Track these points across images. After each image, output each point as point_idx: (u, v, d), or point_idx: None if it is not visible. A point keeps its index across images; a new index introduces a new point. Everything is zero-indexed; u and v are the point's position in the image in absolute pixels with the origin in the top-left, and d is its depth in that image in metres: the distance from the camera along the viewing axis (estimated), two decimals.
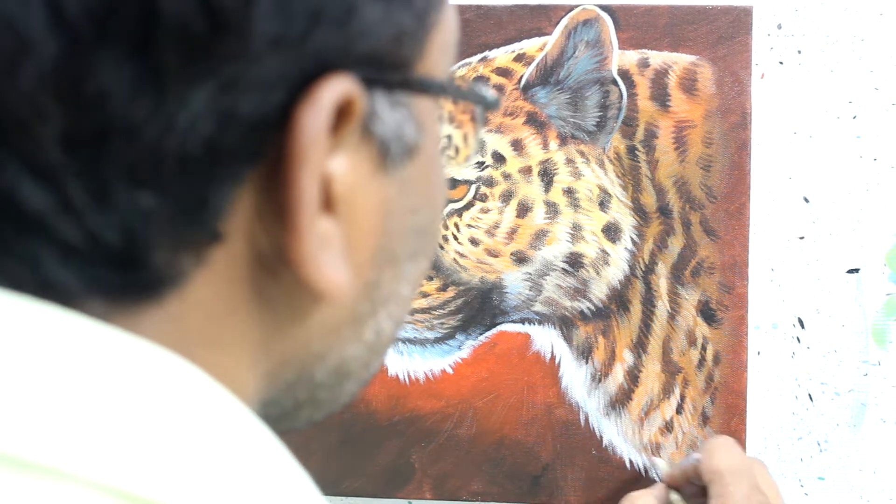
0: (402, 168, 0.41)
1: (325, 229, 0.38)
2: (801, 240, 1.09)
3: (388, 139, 0.40)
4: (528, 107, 1.06)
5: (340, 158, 0.38)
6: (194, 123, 0.34)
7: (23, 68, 0.32)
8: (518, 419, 1.08)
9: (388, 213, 0.41)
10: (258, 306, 0.39)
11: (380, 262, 0.42)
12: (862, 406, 1.09)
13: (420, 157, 0.42)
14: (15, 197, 0.34)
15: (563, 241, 1.06)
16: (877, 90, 1.07)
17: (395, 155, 0.40)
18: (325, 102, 0.36)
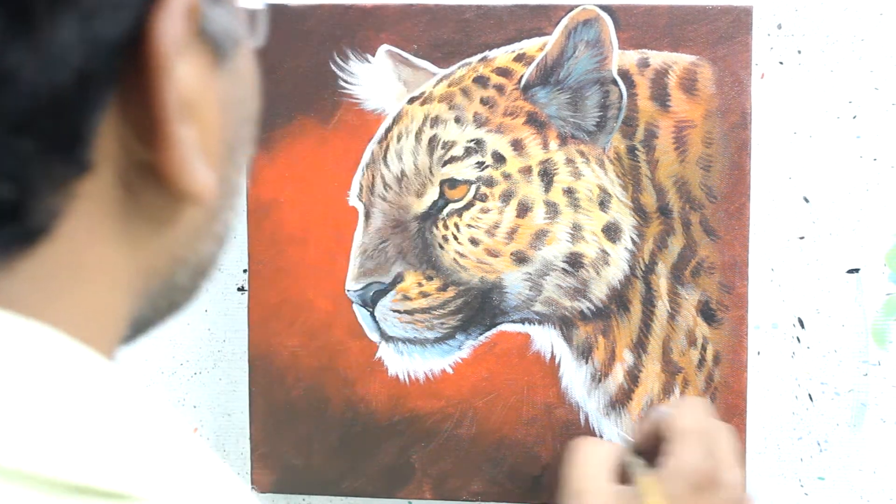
0: (230, 61, 0.42)
1: (188, 136, 0.39)
2: (801, 240, 1.09)
3: (220, 36, 0.41)
4: (528, 107, 1.06)
5: (185, 65, 0.39)
6: (64, 55, 0.34)
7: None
8: (518, 419, 1.08)
9: (225, 106, 0.42)
10: (125, 228, 0.40)
11: (225, 157, 0.43)
12: (862, 406, 1.09)
13: (243, 45, 0.44)
14: None
15: (563, 241, 1.06)
16: (877, 90, 1.07)
17: (227, 50, 0.42)
18: (178, 7, 0.37)
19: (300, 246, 1.08)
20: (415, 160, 1.06)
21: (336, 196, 1.08)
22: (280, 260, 1.08)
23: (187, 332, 1.13)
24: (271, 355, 1.09)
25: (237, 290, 1.13)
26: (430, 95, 1.07)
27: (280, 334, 1.09)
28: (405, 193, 1.07)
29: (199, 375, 1.14)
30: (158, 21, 0.36)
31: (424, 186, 1.06)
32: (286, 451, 1.10)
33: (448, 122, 1.06)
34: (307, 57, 1.07)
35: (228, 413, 1.14)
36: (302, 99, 1.07)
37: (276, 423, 1.10)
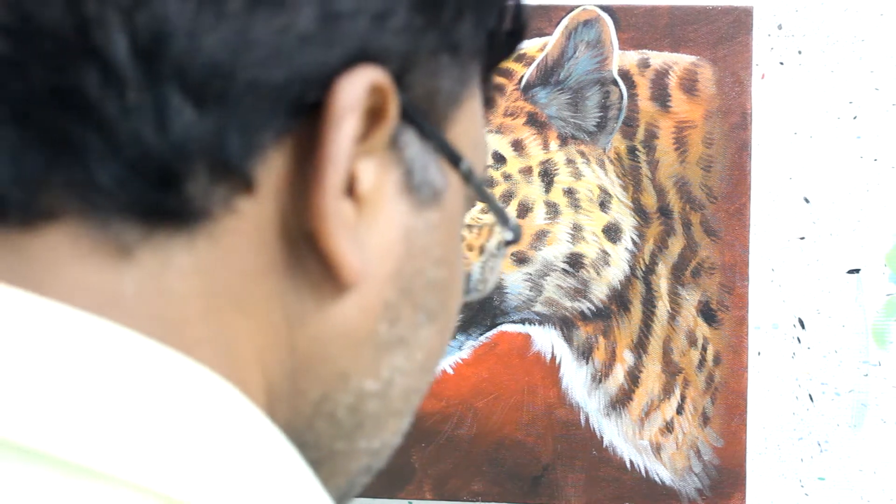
0: (426, 208, 0.43)
1: (347, 212, 0.39)
2: (801, 240, 1.09)
3: (414, 167, 0.41)
4: (528, 107, 1.06)
5: (368, 162, 0.40)
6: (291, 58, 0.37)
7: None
8: (518, 420, 1.08)
9: (412, 244, 0.42)
10: (282, 277, 0.40)
11: (400, 291, 0.43)
12: (862, 406, 1.10)
13: (445, 209, 0.44)
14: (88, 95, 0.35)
15: (563, 242, 1.06)
16: (877, 90, 1.07)
17: (420, 187, 0.42)
18: (361, 80, 0.38)
19: None
20: None
21: None
22: None
23: None
24: None
25: None
26: None
27: None
28: None
29: None
30: (343, 80, 0.38)
31: None
32: None
33: None
34: None
35: None
36: None
37: None
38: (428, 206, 0.42)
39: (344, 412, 0.43)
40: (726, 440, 1.07)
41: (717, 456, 1.07)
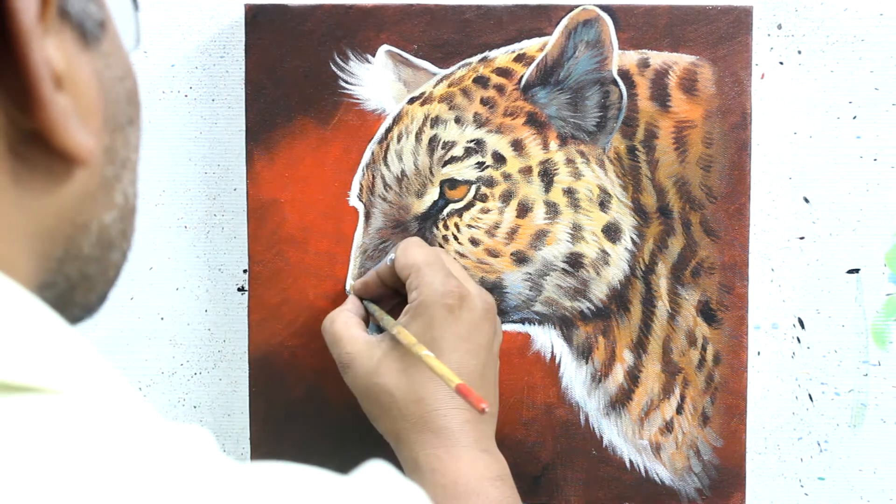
0: (99, 43, 0.47)
1: (63, 102, 0.43)
2: (801, 240, 1.09)
3: (81, 17, 0.45)
4: (528, 107, 1.06)
5: (51, 41, 0.43)
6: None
7: None
8: (518, 419, 1.09)
9: (102, 83, 0.47)
10: (17, 187, 0.43)
11: (110, 129, 0.47)
12: (862, 406, 1.10)
13: (109, 30, 0.48)
14: None
15: (563, 242, 1.06)
16: (877, 90, 1.07)
17: (90, 30, 0.46)
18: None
19: (300, 246, 1.08)
20: (415, 160, 1.06)
21: (336, 196, 1.08)
22: (280, 260, 1.08)
23: (187, 332, 1.13)
24: (271, 355, 1.09)
25: (237, 290, 1.13)
26: (430, 96, 1.07)
27: (280, 334, 1.09)
28: (405, 194, 1.07)
29: (199, 376, 1.14)
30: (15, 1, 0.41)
31: (425, 187, 1.06)
32: (286, 451, 1.10)
33: (448, 123, 1.06)
34: (307, 57, 1.07)
35: (228, 413, 1.14)
36: (302, 99, 1.07)
37: (276, 424, 1.10)
38: (99, 41, 0.47)
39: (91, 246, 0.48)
40: (726, 440, 1.07)
41: (716, 456, 1.07)
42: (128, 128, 0.50)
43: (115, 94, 0.48)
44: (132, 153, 0.50)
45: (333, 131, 1.07)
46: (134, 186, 0.51)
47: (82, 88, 0.45)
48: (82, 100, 0.45)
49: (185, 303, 1.13)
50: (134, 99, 0.51)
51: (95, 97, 0.46)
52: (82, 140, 0.44)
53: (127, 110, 0.49)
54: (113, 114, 0.48)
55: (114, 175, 0.48)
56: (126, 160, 0.49)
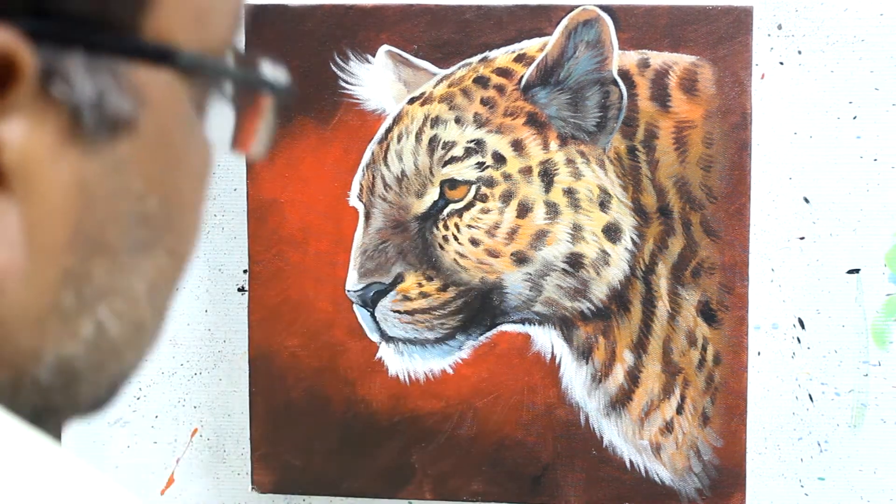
0: (108, 144, 0.37)
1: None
2: (801, 240, 1.09)
3: (81, 107, 0.35)
4: (528, 107, 1.06)
5: (12, 124, 0.34)
6: None
7: None
8: (518, 419, 1.09)
9: (92, 194, 0.37)
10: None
11: (84, 251, 0.37)
12: (862, 406, 1.10)
13: (142, 135, 0.37)
14: None
15: (563, 242, 1.06)
16: (877, 90, 1.07)
17: (92, 126, 0.36)
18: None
19: (300, 246, 1.08)
20: (415, 160, 1.06)
21: (336, 196, 1.08)
22: (280, 260, 1.08)
23: (187, 332, 1.13)
24: (271, 355, 1.09)
25: (237, 290, 1.13)
26: (430, 96, 1.07)
27: (280, 334, 1.09)
28: (405, 194, 1.07)
29: (200, 376, 1.14)
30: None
31: (425, 187, 1.06)
32: (286, 451, 1.10)
33: (448, 123, 1.06)
34: (307, 57, 1.06)
35: (229, 413, 1.14)
36: (302, 99, 1.07)
37: (277, 424, 1.10)
38: (111, 141, 0.37)
39: (49, 376, 0.39)
40: (726, 440, 1.07)
41: (716, 456, 1.07)
42: (130, 254, 0.39)
43: (111, 210, 0.37)
44: (134, 282, 0.40)
45: (333, 131, 1.07)
46: (123, 319, 0.40)
47: (44, 192, 0.35)
48: (36, 207, 0.35)
49: (185, 303, 1.13)
50: (159, 221, 0.40)
51: (64, 207, 0.36)
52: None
53: (136, 233, 0.39)
54: (98, 234, 0.37)
55: (78, 304, 0.38)
56: (111, 290, 0.39)
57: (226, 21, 0.41)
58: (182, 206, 0.41)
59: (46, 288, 0.37)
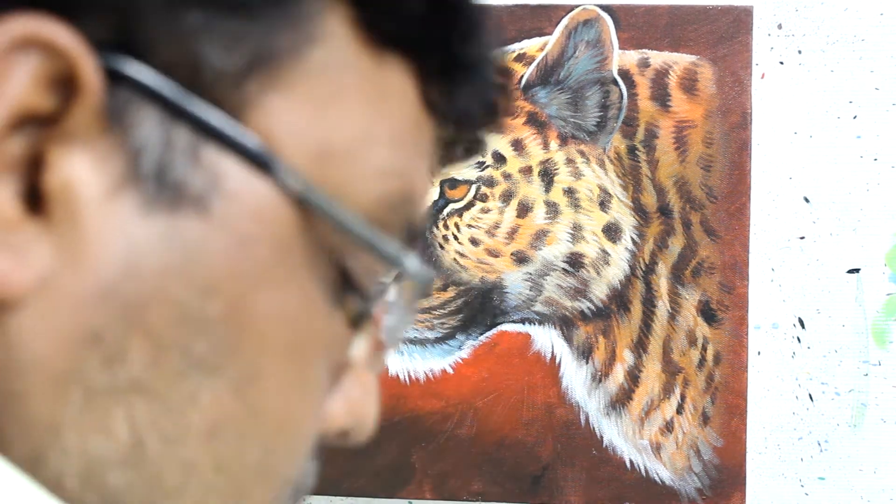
0: (170, 213, 0.32)
1: (9, 215, 0.31)
2: (801, 240, 1.09)
3: (145, 153, 0.32)
4: (528, 107, 1.06)
5: (66, 149, 0.31)
6: None
7: None
8: (518, 419, 1.08)
9: (139, 258, 0.32)
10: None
11: (118, 317, 0.32)
12: (862, 406, 1.09)
13: (215, 222, 0.33)
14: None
15: (563, 241, 1.06)
16: (877, 90, 1.07)
17: (150, 184, 0.32)
18: (8, 32, 0.30)
19: None
20: None
21: None
22: None
23: None
24: None
25: None
26: None
27: None
28: None
29: None
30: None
31: None
32: None
33: None
34: None
35: None
36: None
37: None
38: (173, 211, 0.32)
39: (76, 483, 0.32)
40: (726, 440, 1.07)
41: (716, 455, 1.07)
42: (181, 359, 0.33)
43: (158, 287, 0.32)
44: (173, 399, 0.33)
45: None
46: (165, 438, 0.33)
47: (83, 233, 0.32)
48: (71, 245, 0.31)
49: None
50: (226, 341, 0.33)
51: (101, 257, 0.32)
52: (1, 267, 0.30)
53: (189, 335, 0.33)
54: (135, 303, 0.32)
55: (106, 384, 0.32)
56: (151, 390, 0.33)
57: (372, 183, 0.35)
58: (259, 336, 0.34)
59: (67, 339, 0.32)
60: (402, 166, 0.36)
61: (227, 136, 0.32)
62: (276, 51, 0.33)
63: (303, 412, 0.36)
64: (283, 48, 0.33)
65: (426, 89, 0.37)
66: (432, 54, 0.36)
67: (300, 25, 0.33)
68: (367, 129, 0.35)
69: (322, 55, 0.34)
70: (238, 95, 0.32)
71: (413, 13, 0.35)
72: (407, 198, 0.37)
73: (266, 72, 0.33)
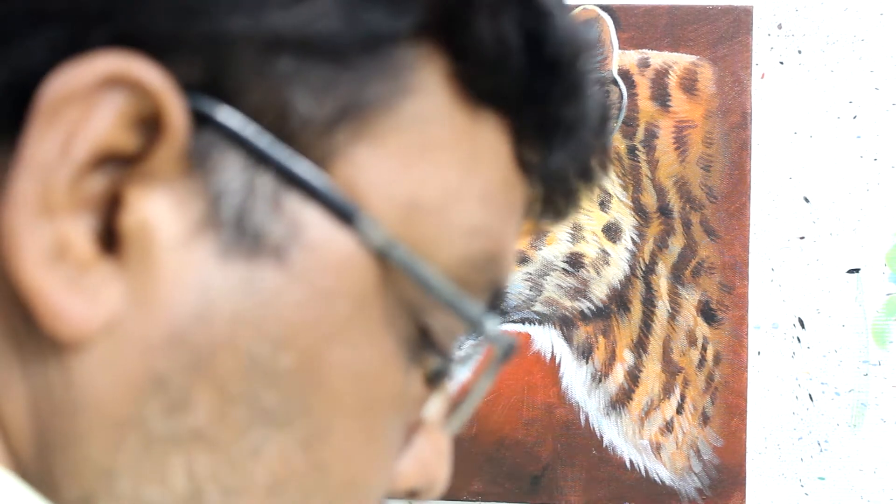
0: (247, 261, 0.31)
1: (46, 240, 0.30)
2: (801, 240, 1.09)
3: (225, 198, 0.31)
4: None
5: (147, 190, 0.30)
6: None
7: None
8: (518, 419, 1.09)
9: (211, 305, 0.31)
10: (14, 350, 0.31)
11: (184, 364, 0.31)
12: (862, 406, 1.09)
13: (292, 273, 0.32)
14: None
15: (563, 241, 1.06)
16: (877, 90, 1.07)
17: (229, 229, 0.31)
18: (90, 69, 0.29)
19: None
20: None
21: None
22: None
23: None
24: None
25: None
26: None
27: None
28: None
29: None
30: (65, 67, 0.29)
31: None
32: None
33: None
34: None
35: None
36: None
37: None
38: (251, 258, 0.31)
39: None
40: (726, 440, 1.07)
41: (716, 455, 1.07)
42: (248, 410, 0.32)
43: (229, 335, 0.31)
44: (239, 451, 0.32)
45: None
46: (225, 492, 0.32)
47: (157, 276, 0.31)
48: (143, 288, 0.31)
49: None
50: (289, 395, 0.32)
51: (173, 302, 0.31)
52: (60, 299, 0.30)
53: (258, 387, 0.32)
54: (203, 349, 0.31)
55: (167, 432, 0.31)
56: (213, 441, 0.32)
57: (459, 241, 0.34)
58: (334, 392, 0.33)
59: (130, 383, 0.31)
60: (491, 225, 0.35)
61: (310, 186, 0.31)
62: (368, 101, 0.32)
63: (371, 470, 0.35)
64: (375, 99, 0.32)
65: (520, 148, 0.36)
66: (529, 113, 0.35)
67: (394, 76, 0.32)
68: (456, 186, 0.34)
69: (414, 108, 0.33)
70: (325, 145, 0.31)
71: (514, 71, 0.34)
72: (493, 258, 0.35)
73: (356, 122, 0.32)
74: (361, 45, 0.32)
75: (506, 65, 0.33)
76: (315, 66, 0.31)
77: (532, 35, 0.33)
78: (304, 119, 0.31)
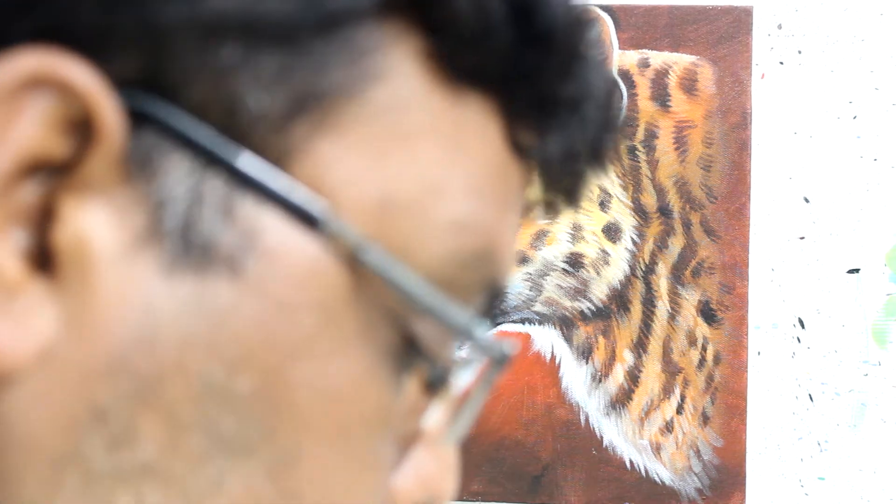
0: (195, 275, 0.28)
1: (11, 276, 0.27)
2: (801, 240, 1.09)
3: (168, 206, 0.28)
4: None
5: (81, 201, 0.27)
6: None
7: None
8: (518, 419, 1.09)
9: (157, 326, 0.28)
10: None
11: (128, 393, 0.28)
12: (862, 406, 1.09)
13: (247, 287, 0.29)
14: None
15: (563, 242, 1.06)
16: (877, 90, 1.07)
17: (174, 240, 0.28)
18: (18, 67, 0.27)
19: None
20: None
21: None
22: None
23: None
24: None
25: None
26: None
27: None
28: None
29: None
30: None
31: None
32: None
33: None
34: None
35: None
36: None
37: None
38: (199, 272, 0.28)
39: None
40: (726, 440, 1.07)
41: (716, 456, 1.07)
42: (204, 440, 0.29)
43: (178, 359, 0.29)
44: (213, 491, 0.29)
45: None
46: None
47: (96, 296, 0.28)
48: (80, 310, 0.28)
49: None
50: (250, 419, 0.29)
51: (113, 325, 0.28)
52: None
53: (214, 414, 0.29)
54: (150, 377, 0.28)
55: (112, 468, 0.28)
56: (165, 474, 0.29)
57: (443, 239, 0.31)
58: (304, 414, 0.30)
59: (67, 417, 0.28)
60: (481, 219, 0.32)
61: (265, 187, 0.28)
62: (328, 90, 0.29)
63: (355, 493, 0.32)
64: (336, 87, 0.29)
65: (514, 131, 0.32)
66: (521, 91, 0.31)
67: (356, 61, 0.29)
68: (437, 178, 0.31)
69: (383, 94, 0.29)
70: (282, 141, 0.28)
71: (499, 45, 0.30)
72: (485, 254, 0.32)
73: (315, 114, 0.29)
74: (316, 26, 0.28)
75: (489, 38, 0.30)
76: (265, 54, 0.28)
77: (519, 3, 0.30)
78: (256, 114, 0.28)
